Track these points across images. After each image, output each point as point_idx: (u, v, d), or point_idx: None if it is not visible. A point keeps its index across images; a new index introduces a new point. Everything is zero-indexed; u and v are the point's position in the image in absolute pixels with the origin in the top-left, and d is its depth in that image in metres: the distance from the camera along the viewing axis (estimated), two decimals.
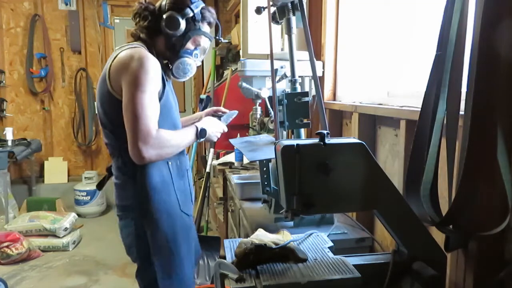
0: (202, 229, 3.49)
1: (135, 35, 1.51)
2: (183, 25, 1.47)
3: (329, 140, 1.02)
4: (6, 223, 3.92)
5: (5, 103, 4.99)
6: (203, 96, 3.79)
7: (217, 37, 1.70)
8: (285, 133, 1.61)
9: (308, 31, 1.51)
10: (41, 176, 5.19)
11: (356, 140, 1.06)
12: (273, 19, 1.64)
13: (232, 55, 3.85)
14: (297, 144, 0.99)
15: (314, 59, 1.51)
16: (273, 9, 1.61)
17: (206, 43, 1.60)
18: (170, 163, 1.50)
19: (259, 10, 1.62)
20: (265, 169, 1.73)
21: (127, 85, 1.34)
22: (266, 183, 1.74)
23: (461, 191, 0.98)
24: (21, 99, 5.18)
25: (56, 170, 5.19)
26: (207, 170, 3.39)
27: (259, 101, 1.81)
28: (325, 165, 0.99)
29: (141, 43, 1.47)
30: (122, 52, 1.40)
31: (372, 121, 1.80)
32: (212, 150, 3.35)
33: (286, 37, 1.65)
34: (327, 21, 2.21)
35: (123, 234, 1.54)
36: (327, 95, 2.27)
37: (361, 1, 2.12)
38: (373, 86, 2.04)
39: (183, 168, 1.59)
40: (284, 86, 1.78)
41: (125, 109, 1.34)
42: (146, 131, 1.31)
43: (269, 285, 0.98)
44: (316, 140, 1.02)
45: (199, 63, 1.60)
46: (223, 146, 3.34)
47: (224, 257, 1.17)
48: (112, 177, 1.58)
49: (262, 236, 1.23)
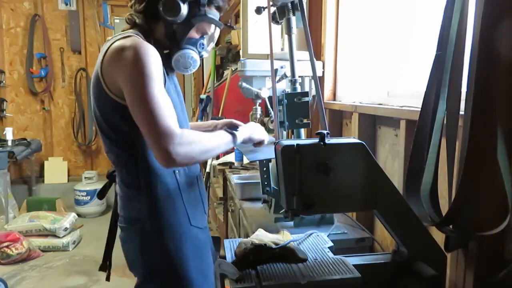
0: None
1: (131, 20, 1.28)
2: (184, 10, 1.22)
3: (329, 140, 1.02)
4: (6, 223, 3.92)
5: (5, 103, 4.99)
6: (203, 96, 3.79)
7: (228, 24, 1.43)
8: (285, 133, 1.61)
9: (308, 31, 1.51)
10: (41, 176, 5.20)
11: (356, 140, 1.06)
12: (273, 19, 1.64)
13: (232, 55, 3.85)
14: (297, 144, 0.99)
15: (314, 59, 1.51)
16: (273, 9, 1.61)
17: (214, 30, 1.36)
18: (177, 171, 1.30)
19: (259, 10, 1.62)
20: (265, 169, 1.73)
21: (127, 82, 1.13)
22: (266, 183, 1.74)
23: (461, 191, 0.98)
24: (21, 99, 5.18)
25: (56, 170, 5.19)
26: (207, 170, 3.39)
27: (259, 101, 1.80)
28: (325, 165, 0.99)
29: (136, 31, 1.25)
30: (114, 44, 1.18)
31: (372, 121, 1.80)
32: None
33: (286, 37, 1.65)
34: (327, 21, 2.21)
35: (125, 248, 1.36)
36: (327, 95, 2.27)
37: (361, 1, 2.12)
38: (373, 86, 2.04)
39: (192, 174, 1.37)
40: (284, 86, 1.78)
41: (134, 111, 1.14)
42: (166, 127, 1.10)
43: (269, 285, 0.98)
44: (316, 140, 1.02)
45: (206, 54, 1.37)
46: None
47: (224, 257, 1.17)
48: (113, 184, 1.40)
49: (262, 236, 1.23)
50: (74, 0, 5.11)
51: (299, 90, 1.60)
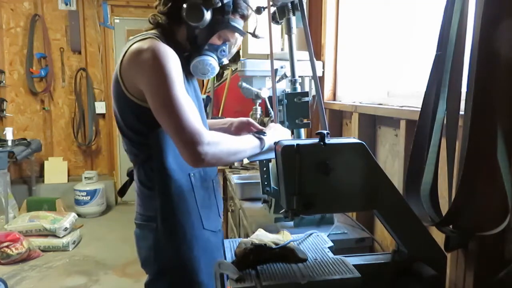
0: None
1: (154, 20, 1.28)
2: (207, 16, 1.21)
3: (329, 140, 1.02)
4: (6, 223, 3.92)
5: (5, 103, 4.99)
6: (203, 96, 3.78)
7: (251, 33, 1.41)
8: None
9: (308, 31, 1.51)
10: (41, 176, 5.20)
11: (356, 140, 1.06)
12: (273, 19, 1.64)
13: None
14: (297, 144, 0.99)
15: (314, 59, 1.51)
16: (273, 9, 1.62)
17: (237, 38, 1.35)
18: (193, 174, 1.30)
19: (259, 10, 1.62)
20: (265, 169, 1.73)
21: (148, 85, 1.14)
22: (266, 183, 1.74)
23: (461, 191, 0.98)
24: (21, 99, 5.18)
25: (56, 170, 5.19)
26: None
27: (259, 101, 1.80)
28: (325, 165, 0.99)
29: (157, 32, 1.26)
30: (132, 46, 1.19)
31: (372, 121, 1.80)
32: None
33: (286, 37, 1.65)
34: (327, 21, 2.21)
35: (139, 244, 1.37)
36: (327, 95, 2.27)
37: (361, 1, 2.12)
38: (373, 86, 2.04)
39: (208, 178, 1.37)
40: (284, 86, 1.78)
41: (159, 114, 1.15)
42: (193, 127, 1.11)
43: (269, 285, 0.98)
44: (316, 140, 1.02)
45: (226, 61, 1.37)
46: None
47: (224, 257, 1.17)
48: (133, 182, 1.41)
49: (262, 236, 1.23)
50: (74, 0, 5.11)
51: (299, 90, 1.61)
